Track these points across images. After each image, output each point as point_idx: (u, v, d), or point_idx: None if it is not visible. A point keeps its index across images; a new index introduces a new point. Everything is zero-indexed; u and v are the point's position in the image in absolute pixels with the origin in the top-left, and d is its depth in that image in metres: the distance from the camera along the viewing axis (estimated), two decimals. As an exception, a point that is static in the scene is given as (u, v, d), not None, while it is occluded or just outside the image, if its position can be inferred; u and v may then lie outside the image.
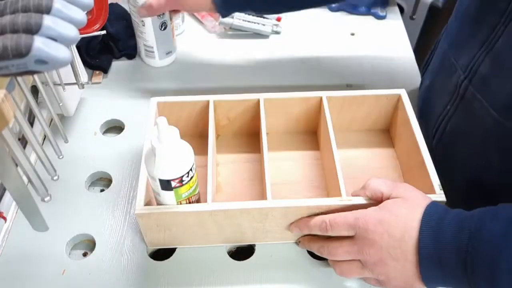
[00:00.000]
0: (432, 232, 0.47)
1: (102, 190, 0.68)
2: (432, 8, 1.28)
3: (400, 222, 0.49)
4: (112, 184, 0.67)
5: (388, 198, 0.52)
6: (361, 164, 0.68)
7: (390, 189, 0.52)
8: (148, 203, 0.56)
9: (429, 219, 0.48)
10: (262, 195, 0.60)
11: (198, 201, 0.57)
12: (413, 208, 0.50)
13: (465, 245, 0.45)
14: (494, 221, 0.44)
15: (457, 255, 0.45)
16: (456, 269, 0.46)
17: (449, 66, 0.63)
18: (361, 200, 0.54)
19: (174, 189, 0.52)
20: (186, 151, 0.52)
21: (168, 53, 0.84)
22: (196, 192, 0.56)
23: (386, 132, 0.73)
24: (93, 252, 0.60)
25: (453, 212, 0.48)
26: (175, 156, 0.50)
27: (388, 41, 0.92)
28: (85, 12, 0.38)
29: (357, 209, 0.54)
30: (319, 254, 0.56)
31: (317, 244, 0.56)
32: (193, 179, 0.53)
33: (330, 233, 0.53)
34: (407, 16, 1.28)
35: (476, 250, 0.44)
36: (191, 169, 0.52)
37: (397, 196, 0.51)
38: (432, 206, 0.49)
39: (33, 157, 0.67)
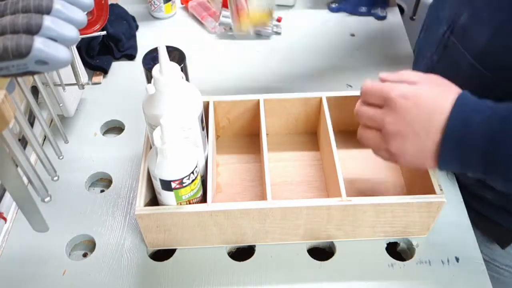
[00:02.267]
0: (464, 115, 0.46)
1: (102, 191, 0.68)
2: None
3: (431, 98, 0.48)
4: (112, 185, 0.67)
5: None
6: (361, 164, 0.68)
7: (423, 78, 0.52)
8: (149, 203, 0.56)
9: (464, 103, 0.47)
10: (262, 196, 0.60)
11: (200, 203, 0.57)
12: (447, 89, 0.49)
13: (495, 132, 0.44)
14: None
15: (483, 140, 0.45)
16: (477, 155, 0.45)
17: (435, 19, 0.66)
18: (361, 201, 0.54)
19: (174, 190, 0.52)
20: (189, 154, 0.52)
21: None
22: (198, 195, 0.56)
23: (386, 133, 0.73)
24: (93, 252, 0.60)
25: (489, 101, 0.47)
26: (177, 158, 0.50)
27: (388, 41, 0.92)
28: (85, 12, 0.38)
29: (358, 209, 0.54)
30: (356, 112, 0.55)
31: (358, 104, 0.56)
32: (195, 182, 0.53)
33: (364, 98, 0.53)
34: (407, 17, 1.28)
35: (504, 137, 0.44)
36: (192, 172, 0.52)
37: (429, 81, 0.51)
38: (467, 93, 0.49)
39: (33, 158, 0.67)
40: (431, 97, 0.48)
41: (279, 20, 0.94)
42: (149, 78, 0.66)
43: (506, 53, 0.53)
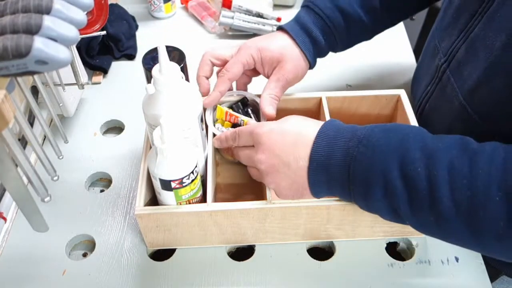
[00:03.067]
0: (327, 139, 0.48)
1: (102, 191, 0.68)
2: (432, 8, 1.29)
3: (295, 129, 0.50)
4: (112, 185, 0.67)
5: None
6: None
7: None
8: (149, 202, 0.56)
9: (327, 128, 0.49)
10: (262, 196, 0.59)
11: (199, 203, 0.57)
12: (311, 121, 0.52)
13: (352, 149, 0.46)
14: (384, 132, 0.46)
15: (344, 159, 0.47)
16: (340, 174, 0.47)
17: (433, 48, 0.65)
18: (361, 201, 0.54)
19: (174, 190, 0.52)
20: (189, 154, 0.52)
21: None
22: (198, 195, 0.56)
23: (386, 133, 0.73)
24: (93, 252, 0.60)
25: (351, 125, 0.50)
26: (177, 158, 0.50)
27: (388, 41, 0.92)
28: (85, 12, 0.38)
29: (357, 209, 0.54)
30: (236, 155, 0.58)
31: (233, 151, 0.58)
32: (195, 182, 0.53)
33: (237, 143, 0.55)
34: (407, 17, 1.28)
35: (360, 154, 0.46)
36: (192, 172, 0.52)
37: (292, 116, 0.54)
38: (333, 120, 0.51)
39: (33, 158, 0.67)
40: (297, 127, 0.51)
41: (278, 20, 0.94)
42: (149, 78, 0.66)
43: (490, 96, 0.52)
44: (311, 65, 0.66)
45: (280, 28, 0.65)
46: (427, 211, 0.43)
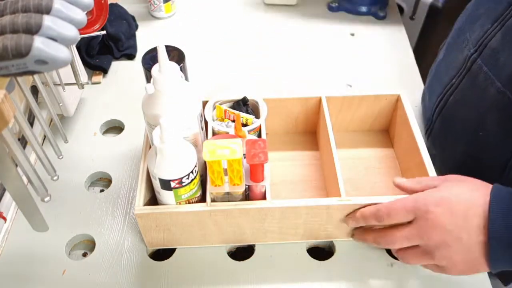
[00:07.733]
0: (503, 212, 0.45)
1: (102, 190, 0.68)
2: (432, 8, 1.29)
3: (462, 199, 0.47)
4: (112, 184, 0.67)
5: None
6: (360, 164, 0.68)
7: (442, 179, 0.51)
8: (148, 202, 0.56)
9: (499, 198, 0.46)
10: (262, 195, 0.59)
11: (199, 202, 0.57)
12: (473, 187, 0.49)
13: None
14: None
15: None
16: None
17: (462, 41, 0.64)
18: (360, 200, 0.54)
19: (173, 190, 0.52)
20: (188, 153, 0.52)
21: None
22: (198, 195, 0.56)
23: (385, 132, 0.73)
24: (93, 252, 0.60)
25: None
26: (176, 158, 0.50)
27: (388, 41, 0.92)
28: (85, 12, 0.39)
29: (357, 208, 0.54)
30: (376, 245, 0.55)
31: (372, 235, 0.54)
32: (194, 181, 0.53)
33: (387, 222, 0.51)
34: (407, 16, 1.28)
35: None
36: (192, 172, 0.52)
37: (451, 181, 0.50)
38: (499, 186, 0.48)
39: (33, 157, 0.67)
40: (464, 196, 0.48)
41: None
42: (148, 77, 0.66)
43: None
44: None
45: None
46: None
